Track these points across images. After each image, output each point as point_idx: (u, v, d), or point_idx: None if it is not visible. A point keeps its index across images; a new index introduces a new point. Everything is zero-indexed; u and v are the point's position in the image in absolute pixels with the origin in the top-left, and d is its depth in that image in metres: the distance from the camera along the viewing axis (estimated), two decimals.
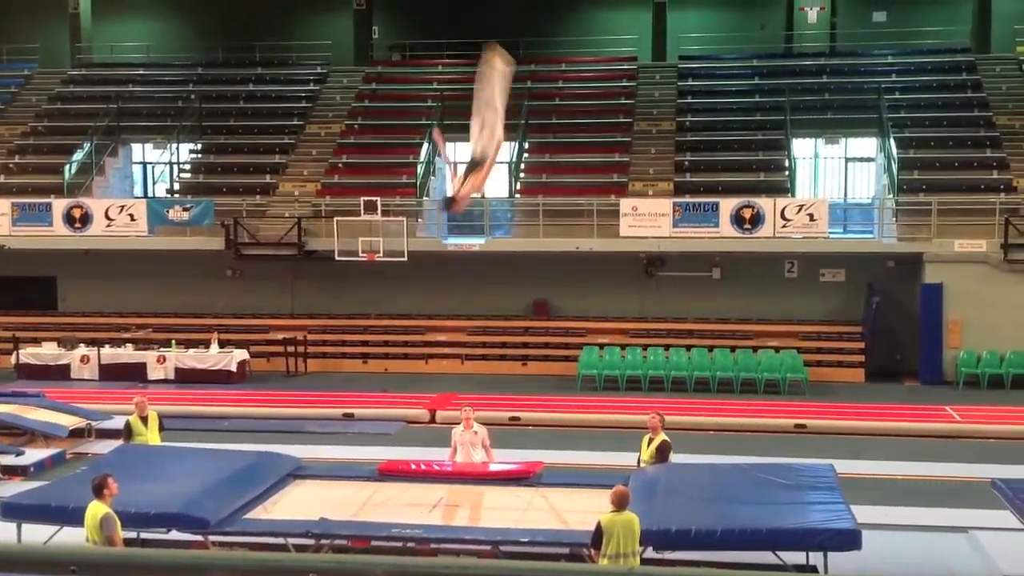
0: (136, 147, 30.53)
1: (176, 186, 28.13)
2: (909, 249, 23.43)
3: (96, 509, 9.82)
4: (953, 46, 30.13)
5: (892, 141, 25.58)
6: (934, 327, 22.87)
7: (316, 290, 26.23)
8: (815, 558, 10.79)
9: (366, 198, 24.46)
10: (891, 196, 24.83)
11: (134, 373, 23.30)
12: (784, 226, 23.46)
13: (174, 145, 28.57)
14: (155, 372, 23.32)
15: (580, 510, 11.69)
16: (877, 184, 27.25)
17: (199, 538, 11.27)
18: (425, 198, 26.52)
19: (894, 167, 25.00)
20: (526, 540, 10.96)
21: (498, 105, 11.10)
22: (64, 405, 18.91)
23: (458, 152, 29.59)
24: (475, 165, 11.23)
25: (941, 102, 27.64)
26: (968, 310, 22.67)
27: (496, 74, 11.20)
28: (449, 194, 11.05)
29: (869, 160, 28.48)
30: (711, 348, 23.40)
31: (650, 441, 12.96)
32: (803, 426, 18.89)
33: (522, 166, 27.51)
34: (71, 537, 10.71)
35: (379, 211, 24.26)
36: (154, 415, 14.45)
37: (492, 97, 11.09)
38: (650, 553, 10.46)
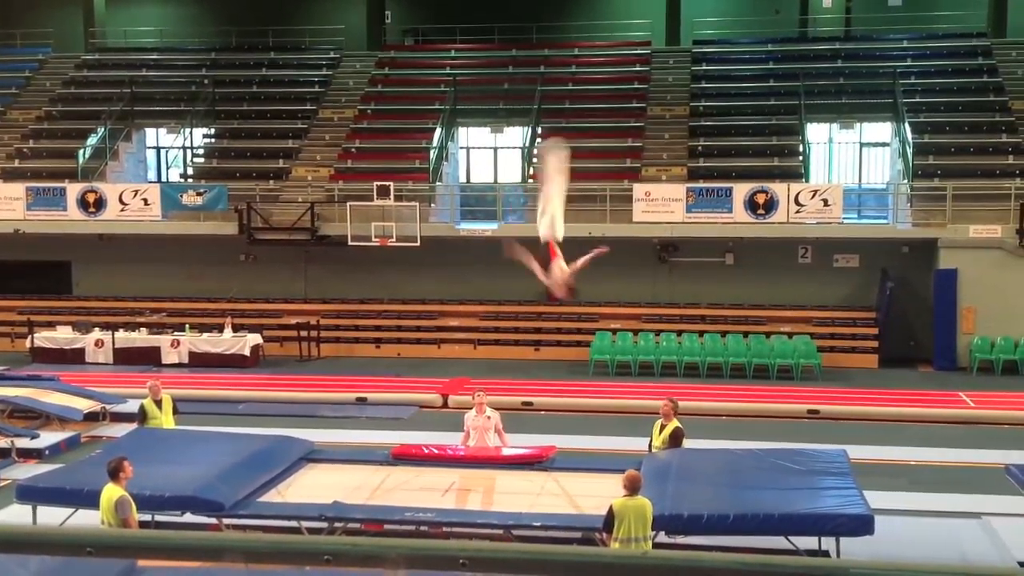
0: (150, 132, 30.60)
1: (190, 171, 28.20)
2: (923, 235, 23.33)
3: (111, 492, 9.88)
4: (969, 31, 29.93)
5: (907, 126, 25.45)
6: (948, 313, 22.78)
7: (329, 275, 26.27)
8: (827, 543, 10.79)
9: (379, 183, 24.48)
10: (906, 181, 24.71)
11: (148, 357, 23.38)
12: (798, 211, 23.39)
13: (188, 130, 28.62)
14: (169, 356, 23.41)
15: (592, 495, 11.70)
16: (892, 169, 27.12)
17: (213, 521, 11.35)
18: (438, 183, 26.53)
19: (909, 152, 24.87)
20: (538, 524, 10.99)
21: (557, 186, 11.37)
22: (79, 389, 19.02)
23: (470, 137, 29.82)
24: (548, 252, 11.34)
25: (956, 87, 27.48)
26: (982, 296, 22.57)
27: (552, 162, 11.64)
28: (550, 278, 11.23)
29: (884, 145, 28.34)
30: (724, 334, 23.37)
31: (662, 427, 12.94)
32: (816, 412, 18.87)
33: (535, 151, 27.46)
34: (86, 519, 10.79)
35: (392, 196, 24.29)
36: (168, 399, 14.50)
37: (553, 180, 11.43)
38: (662, 538, 10.49)
